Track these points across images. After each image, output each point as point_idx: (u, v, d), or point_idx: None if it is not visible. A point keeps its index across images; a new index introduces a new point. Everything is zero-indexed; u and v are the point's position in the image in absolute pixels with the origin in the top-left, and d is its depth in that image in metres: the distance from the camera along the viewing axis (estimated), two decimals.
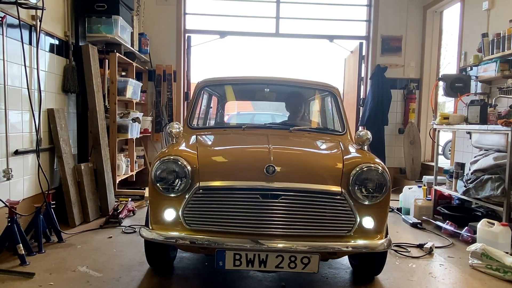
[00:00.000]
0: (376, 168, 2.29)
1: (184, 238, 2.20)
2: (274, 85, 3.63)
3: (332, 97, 3.45)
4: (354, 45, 6.59)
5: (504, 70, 4.05)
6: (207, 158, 2.35)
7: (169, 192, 2.25)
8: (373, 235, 2.27)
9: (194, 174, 2.23)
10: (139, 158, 5.69)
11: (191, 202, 2.22)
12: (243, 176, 2.23)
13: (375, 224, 2.27)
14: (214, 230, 2.21)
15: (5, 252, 2.85)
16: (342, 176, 2.26)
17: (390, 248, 2.36)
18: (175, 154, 2.29)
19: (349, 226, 2.23)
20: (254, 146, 2.63)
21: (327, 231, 2.22)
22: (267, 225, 2.19)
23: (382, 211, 2.32)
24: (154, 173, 2.27)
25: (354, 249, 2.24)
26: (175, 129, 2.60)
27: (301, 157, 2.49)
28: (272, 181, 2.19)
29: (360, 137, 2.65)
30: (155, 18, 5.98)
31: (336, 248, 2.20)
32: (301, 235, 2.20)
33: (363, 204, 2.25)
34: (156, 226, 2.29)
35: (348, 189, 2.24)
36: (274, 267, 2.17)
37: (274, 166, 2.19)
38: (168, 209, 2.26)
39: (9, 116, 3.05)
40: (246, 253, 2.16)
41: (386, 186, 2.28)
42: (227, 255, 2.16)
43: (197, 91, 3.42)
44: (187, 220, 2.23)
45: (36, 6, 3.20)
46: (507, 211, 3.32)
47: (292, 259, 2.15)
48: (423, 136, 6.30)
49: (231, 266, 2.17)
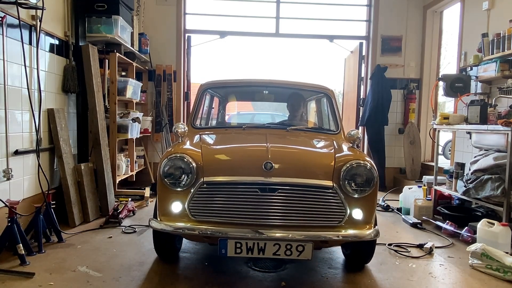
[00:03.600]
0: (364, 164, 2.49)
1: (190, 229, 2.40)
2: (272, 87, 3.89)
3: (327, 99, 3.67)
4: (354, 45, 6.59)
5: (504, 70, 4.05)
6: (210, 155, 2.56)
7: (176, 187, 2.45)
8: (362, 226, 2.47)
9: (199, 170, 2.44)
10: (139, 158, 5.69)
11: (196, 195, 2.42)
12: (243, 172, 2.42)
13: (364, 215, 2.47)
14: (217, 221, 2.41)
15: (5, 252, 2.85)
16: (334, 171, 2.46)
17: (377, 237, 2.52)
18: (181, 152, 2.50)
19: (340, 217, 2.43)
20: (254, 144, 2.84)
21: (320, 222, 2.42)
22: (266, 216, 2.38)
23: (370, 203, 2.51)
24: (162, 169, 2.48)
25: (345, 238, 2.42)
26: (180, 129, 2.81)
27: (296, 155, 2.71)
28: (270, 176, 2.38)
29: (351, 136, 2.86)
30: (155, 18, 5.98)
31: (328, 237, 2.39)
32: (296, 225, 2.39)
33: (352, 197, 2.45)
34: (164, 218, 2.50)
35: (339, 184, 2.43)
36: (272, 254, 2.36)
37: (271, 162, 2.39)
38: (175, 202, 2.46)
39: (9, 116, 3.05)
40: (246, 242, 2.35)
41: (374, 180, 2.48)
42: (229, 243, 2.36)
43: (200, 93, 3.63)
44: (192, 212, 2.43)
45: (36, 6, 3.20)
46: (507, 211, 3.32)
47: (288, 247, 2.34)
48: (423, 136, 6.30)
49: (232, 254, 2.37)
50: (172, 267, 2.81)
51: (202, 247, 3.25)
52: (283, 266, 2.85)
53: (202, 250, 3.19)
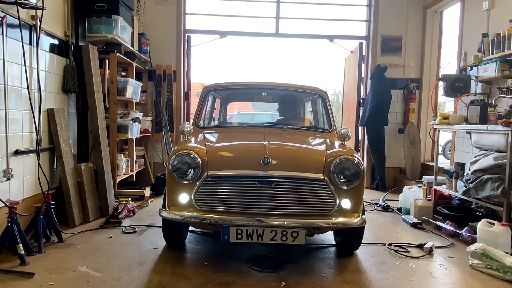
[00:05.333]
0: (352, 159, 2.74)
1: (197, 217, 2.67)
2: (271, 89, 4.17)
3: (321, 99, 3.97)
4: (354, 45, 6.59)
5: (504, 70, 4.05)
6: (214, 152, 2.84)
7: (183, 180, 2.72)
8: (351, 214, 2.73)
9: (204, 165, 2.71)
10: (139, 158, 5.69)
11: (201, 187, 2.69)
12: (243, 166, 2.69)
13: (352, 205, 2.73)
14: (220, 210, 2.67)
15: (5, 252, 2.85)
16: (325, 165, 2.72)
17: (364, 225, 2.80)
18: (188, 149, 2.78)
19: (330, 207, 2.69)
20: (253, 142, 3.15)
21: (313, 211, 2.68)
22: (264, 206, 2.64)
23: (357, 194, 2.77)
24: (171, 164, 2.75)
25: (334, 225, 2.69)
26: (186, 128, 3.09)
27: (291, 151, 2.99)
28: (267, 170, 2.64)
29: (342, 134, 3.12)
30: (155, 18, 5.98)
31: (320, 224, 2.66)
32: (291, 214, 2.66)
33: (342, 188, 2.71)
34: (172, 208, 2.76)
35: (329, 176, 2.70)
36: (269, 240, 2.61)
37: (269, 158, 2.65)
38: (182, 193, 2.73)
39: (9, 116, 3.05)
40: (246, 229, 2.60)
41: (361, 174, 2.74)
42: (231, 230, 2.61)
43: (203, 95, 3.92)
44: (198, 202, 2.69)
45: (36, 6, 3.20)
46: (507, 211, 3.32)
47: (284, 233, 2.60)
48: (423, 136, 6.30)
49: (234, 239, 2.62)
50: (172, 267, 2.81)
51: (202, 246, 3.26)
52: (283, 266, 2.86)
53: (202, 249, 3.20)
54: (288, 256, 3.04)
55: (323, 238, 3.52)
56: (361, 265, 2.97)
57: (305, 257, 3.08)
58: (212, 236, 3.47)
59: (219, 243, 3.26)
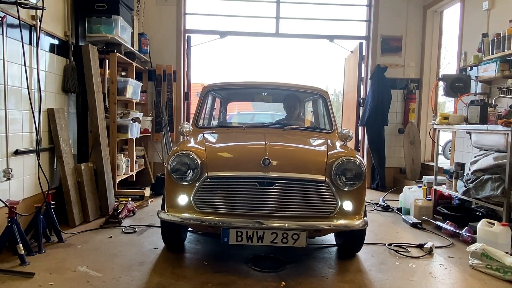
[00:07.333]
0: (354, 160, 2.69)
1: (196, 219, 2.61)
2: (271, 89, 4.12)
3: (322, 100, 3.92)
4: (354, 45, 6.59)
5: (504, 70, 4.05)
6: (213, 152, 2.78)
7: (182, 181, 2.66)
8: (352, 216, 2.67)
9: (203, 166, 2.65)
10: (139, 158, 5.69)
11: (200, 189, 2.63)
12: (243, 167, 2.64)
13: (354, 207, 2.68)
14: (220, 212, 2.61)
15: (5, 252, 2.85)
16: (326, 167, 2.67)
17: (366, 227, 2.73)
18: (187, 150, 2.72)
19: (332, 209, 2.64)
20: (253, 142, 3.09)
21: (314, 213, 2.62)
22: (264, 207, 2.59)
23: (359, 196, 2.71)
24: (170, 165, 2.69)
25: (336, 227, 2.63)
26: (186, 128, 3.04)
27: (292, 152, 2.93)
28: (268, 171, 2.59)
29: (343, 134, 3.08)
30: (155, 18, 5.98)
31: (321, 226, 2.58)
32: (292, 216, 2.59)
33: (343, 190, 2.65)
34: (171, 210, 2.70)
35: (331, 178, 2.64)
36: (270, 242, 2.55)
37: (269, 159, 2.60)
38: (182, 195, 2.67)
39: (9, 116, 3.05)
40: (246, 231, 2.55)
41: (363, 175, 2.68)
42: (230, 232, 2.56)
43: (203, 94, 3.87)
44: (197, 204, 2.64)
45: (36, 6, 3.20)
46: (507, 211, 3.32)
47: (284, 235, 2.54)
48: (423, 136, 6.30)
49: (234, 242, 2.57)
50: (172, 267, 2.81)
51: (202, 247, 3.25)
52: (283, 266, 2.86)
53: (202, 250, 3.19)
54: (288, 256, 3.04)
55: (323, 239, 3.51)
56: (361, 265, 2.97)
57: (305, 257, 3.08)
58: (212, 237, 3.47)
59: (219, 243, 3.25)
